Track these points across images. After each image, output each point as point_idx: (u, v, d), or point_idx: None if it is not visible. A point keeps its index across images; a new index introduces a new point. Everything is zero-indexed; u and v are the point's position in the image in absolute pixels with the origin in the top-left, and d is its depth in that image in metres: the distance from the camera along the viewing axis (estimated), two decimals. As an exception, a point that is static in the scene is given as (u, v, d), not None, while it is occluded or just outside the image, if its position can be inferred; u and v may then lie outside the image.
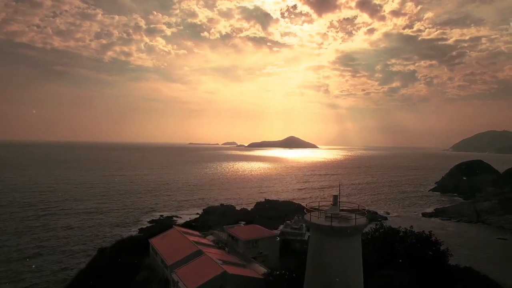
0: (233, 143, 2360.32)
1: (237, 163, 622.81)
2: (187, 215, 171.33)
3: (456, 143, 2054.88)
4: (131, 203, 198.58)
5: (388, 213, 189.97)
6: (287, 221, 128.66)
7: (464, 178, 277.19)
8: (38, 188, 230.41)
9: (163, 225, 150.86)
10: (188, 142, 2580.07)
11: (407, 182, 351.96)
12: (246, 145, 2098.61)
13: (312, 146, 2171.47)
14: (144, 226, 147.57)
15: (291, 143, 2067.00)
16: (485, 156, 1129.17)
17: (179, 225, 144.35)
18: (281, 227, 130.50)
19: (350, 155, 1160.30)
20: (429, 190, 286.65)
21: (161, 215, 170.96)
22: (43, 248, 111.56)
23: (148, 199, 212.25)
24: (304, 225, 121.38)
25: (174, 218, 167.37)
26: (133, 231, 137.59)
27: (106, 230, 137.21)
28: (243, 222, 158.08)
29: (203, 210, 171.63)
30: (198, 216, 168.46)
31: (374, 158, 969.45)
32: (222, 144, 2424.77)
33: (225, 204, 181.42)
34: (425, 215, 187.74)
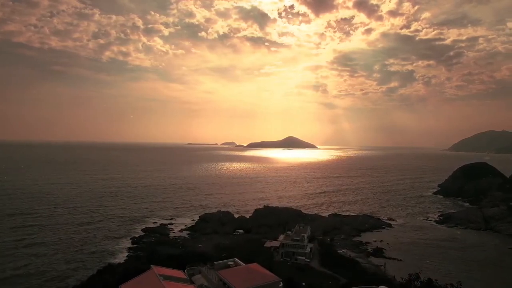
0: (232, 143, 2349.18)
1: (235, 164, 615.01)
2: (182, 223, 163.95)
3: (456, 143, 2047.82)
4: (126, 208, 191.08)
5: (392, 220, 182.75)
6: (288, 232, 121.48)
7: (468, 181, 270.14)
8: (32, 193, 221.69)
9: (156, 234, 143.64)
10: (187, 142, 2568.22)
11: (409, 185, 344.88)
12: (245, 145, 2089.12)
13: (311, 146, 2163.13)
14: (137, 235, 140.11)
15: (290, 143, 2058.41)
16: (485, 156, 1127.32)
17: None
18: (281, 237, 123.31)
19: (349, 156, 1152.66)
20: (432, 194, 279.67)
21: (155, 223, 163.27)
22: (21, 270, 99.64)
23: (144, 204, 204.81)
24: (305, 236, 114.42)
25: (169, 226, 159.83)
26: (124, 243, 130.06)
27: (95, 244, 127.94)
28: (241, 231, 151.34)
29: (199, 217, 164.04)
30: (194, 223, 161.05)
31: (374, 158, 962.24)
32: (221, 144, 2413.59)
33: (222, 210, 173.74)
34: (431, 222, 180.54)
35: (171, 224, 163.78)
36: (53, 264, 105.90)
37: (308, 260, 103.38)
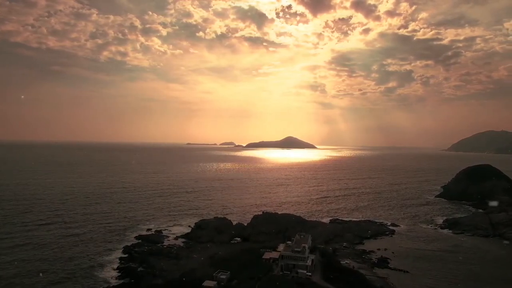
0: (231, 143, 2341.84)
1: (234, 164, 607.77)
2: (178, 230, 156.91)
3: (455, 143, 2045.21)
4: (121, 214, 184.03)
5: (396, 225, 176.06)
6: (288, 242, 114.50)
7: (472, 184, 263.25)
8: (26, 198, 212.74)
9: (149, 242, 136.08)
10: (186, 142, 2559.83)
11: (411, 187, 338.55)
12: (244, 145, 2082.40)
13: (310, 146, 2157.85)
14: (129, 244, 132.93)
15: (290, 143, 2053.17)
16: (484, 156, 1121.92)
17: (167, 246, 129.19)
18: (281, 247, 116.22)
19: (348, 156, 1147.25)
20: (435, 196, 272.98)
21: (150, 229, 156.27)
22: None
23: (139, 209, 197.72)
24: (307, 246, 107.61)
25: (164, 232, 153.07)
26: (116, 253, 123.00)
27: (86, 254, 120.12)
28: (239, 239, 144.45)
29: (195, 224, 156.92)
30: (189, 230, 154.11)
31: (373, 159, 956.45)
32: (220, 144, 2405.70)
33: (219, 216, 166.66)
34: (436, 227, 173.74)
35: (165, 230, 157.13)
36: (37, 282, 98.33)
37: (310, 273, 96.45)
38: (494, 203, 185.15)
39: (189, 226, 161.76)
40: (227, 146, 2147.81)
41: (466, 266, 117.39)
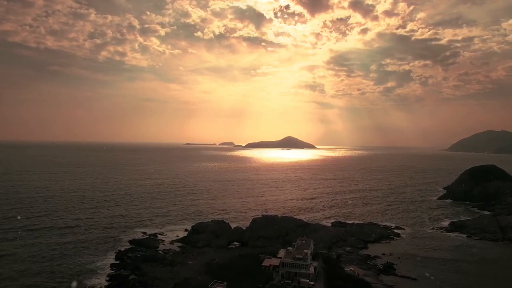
0: (231, 143, 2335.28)
1: (233, 164, 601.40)
2: (174, 234, 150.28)
3: (455, 143, 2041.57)
4: (116, 216, 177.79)
5: (400, 228, 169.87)
6: (289, 247, 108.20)
7: (476, 184, 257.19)
8: (16, 200, 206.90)
9: (143, 247, 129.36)
10: (185, 142, 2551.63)
11: (414, 187, 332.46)
12: (243, 145, 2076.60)
13: (310, 146, 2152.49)
14: (123, 249, 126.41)
15: (289, 143, 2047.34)
16: (485, 156, 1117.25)
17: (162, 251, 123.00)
18: (281, 252, 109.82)
19: (348, 156, 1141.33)
20: (439, 198, 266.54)
21: (145, 233, 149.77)
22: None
23: (134, 211, 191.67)
24: (309, 253, 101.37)
25: (159, 236, 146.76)
26: (108, 259, 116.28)
27: (77, 260, 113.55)
28: (237, 243, 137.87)
29: (192, 227, 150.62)
30: (186, 234, 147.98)
31: (374, 159, 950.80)
32: (220, 144, 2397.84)
33: (217, 219, 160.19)
34: (442, 230, 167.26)
35: (161, 234, 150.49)
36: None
37: (312, 282, 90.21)
38: (501, 205, 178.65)
39: (186, 229, 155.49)
40: (226, 146, 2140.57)
41: (478, 273, 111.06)
